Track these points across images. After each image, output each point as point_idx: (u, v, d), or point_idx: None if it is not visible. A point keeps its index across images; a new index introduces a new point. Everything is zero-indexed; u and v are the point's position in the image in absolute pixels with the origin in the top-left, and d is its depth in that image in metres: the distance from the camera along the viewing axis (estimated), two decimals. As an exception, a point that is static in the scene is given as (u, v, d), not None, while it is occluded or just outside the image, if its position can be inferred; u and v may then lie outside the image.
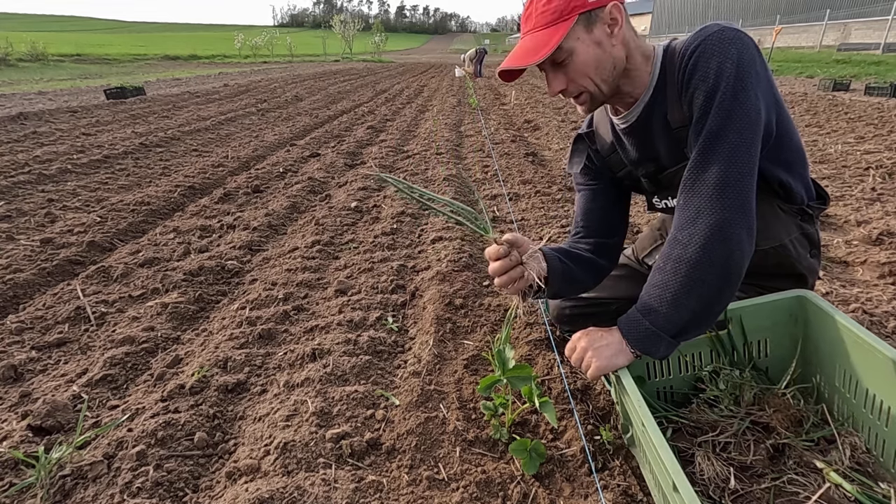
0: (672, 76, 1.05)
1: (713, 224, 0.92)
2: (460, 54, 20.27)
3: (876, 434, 0.99)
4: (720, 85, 0.94)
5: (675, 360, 1.18)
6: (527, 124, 6.32)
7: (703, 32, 1.00)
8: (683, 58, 1.01)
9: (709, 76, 0.96)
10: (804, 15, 20.99)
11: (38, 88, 12.14)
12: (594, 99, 1.10)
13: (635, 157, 1.22)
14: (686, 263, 0.94)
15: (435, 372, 1.54)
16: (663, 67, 1.08)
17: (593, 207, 1.35)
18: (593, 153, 1.32)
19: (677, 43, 1.06)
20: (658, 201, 1.30)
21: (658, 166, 1.21)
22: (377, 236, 2.70)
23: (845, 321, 1.02)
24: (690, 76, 0.99)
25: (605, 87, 1.07)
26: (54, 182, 3.86)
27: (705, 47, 0.97)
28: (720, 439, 1.06)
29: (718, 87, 0.94)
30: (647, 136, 1.16)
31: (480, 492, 1.11)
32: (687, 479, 0.75)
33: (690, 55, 0.99)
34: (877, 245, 2.31)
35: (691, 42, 1.00)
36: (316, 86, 12.49)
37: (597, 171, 1.34)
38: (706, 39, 0.97)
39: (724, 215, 0.92)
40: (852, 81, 9.26)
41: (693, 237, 0.94)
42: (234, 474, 1.18)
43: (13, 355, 1.68)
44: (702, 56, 0.97)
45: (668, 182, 1.22)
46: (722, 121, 0.94)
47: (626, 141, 1.21)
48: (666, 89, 1.07)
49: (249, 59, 33.70)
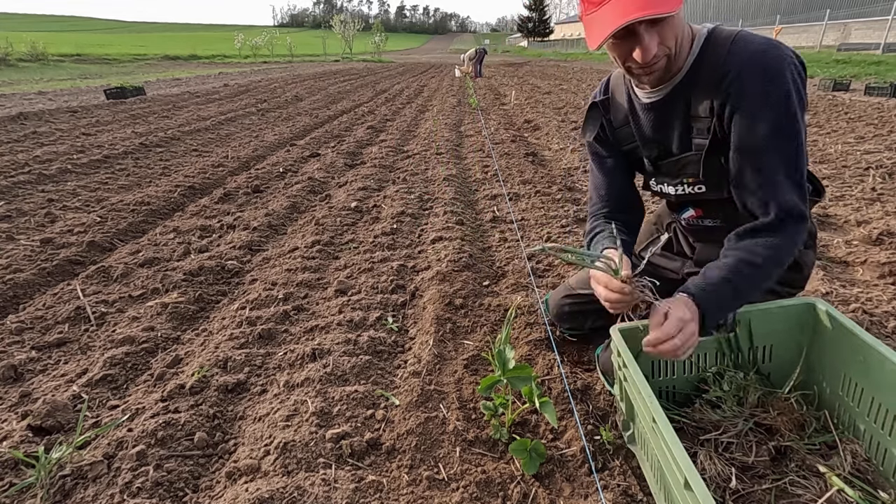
0: (709, 68, 1.04)
1: (795, 232, 1.04)
2: (460, 55, 20.26)
3: (878, 443, 0.99)
4: (776, 112, 0.98)
5: (680, 360, 1.17)
6: (527, 124, 6.32)
7: (749, 47, 1.00)
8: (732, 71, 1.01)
9: (763, 99, 0.98)
10: (804, 15, 20.98)
11: (38, 88, 12.14)
12: (667, 68, 1.05)
13: (648, 135, 1.21)
14: (775, 266, 1.04)
15: (435, 372, 1.54)
16: (701, 54, 1.06)
17: (613, 182, 1.34)
18: (606, 123, 1.29)
19: (720, 35, 1.05)
20: (654, 184, 1.30)
21: (663, 150, 1.20)
22: (377, 236, 2.70)
23: (856, 331, 1.02)
24: (740, 95, 1.00)
25: (676, 51, 1.03)
26: (54, 182, 3.86)
27: (757, 67, 0.98)
28: (723, 439, 1.05)
29: (775, 114, 0.98)
30: (665, 116, 1.15)
31: (480, 492, 1.11)
32: (699, 476, 0.74)
33: (741, 70, 0.99)
34: (877, 245, 2.31)
35: (741, 55, 1.00)
36: (316, 86, 12.49)
37: (610, 143, 1.31)
38: (758, 59, 0.98)
39: (798, 226, 1.04)
40: (852, 81, 9.25)
41: (783, 245, 1.03)
42: (234, 474, 1.18)
43: (13, 355, 1.68)
44: (754, 76, 0.98)
45: (667, 169, 1.22)
46: (782, 142, 1.00)
47: (643, 116, 1.20)
48: (698, 76, 1.06)
49: (249, 59, 33.69)
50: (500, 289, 2.12)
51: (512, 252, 2.48)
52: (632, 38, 0.97)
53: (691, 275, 1.38)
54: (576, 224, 2.78)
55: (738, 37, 1.02)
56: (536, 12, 69.72)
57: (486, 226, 2.91)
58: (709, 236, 1.32)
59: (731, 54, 1.01)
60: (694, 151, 1.14)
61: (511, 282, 2.14)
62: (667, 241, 1.48)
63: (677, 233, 1.45)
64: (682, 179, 1.20)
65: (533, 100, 8.76)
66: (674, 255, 1.46)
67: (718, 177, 1.14)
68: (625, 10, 0.92)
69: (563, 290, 1.63)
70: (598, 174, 1.37)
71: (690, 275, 1.38)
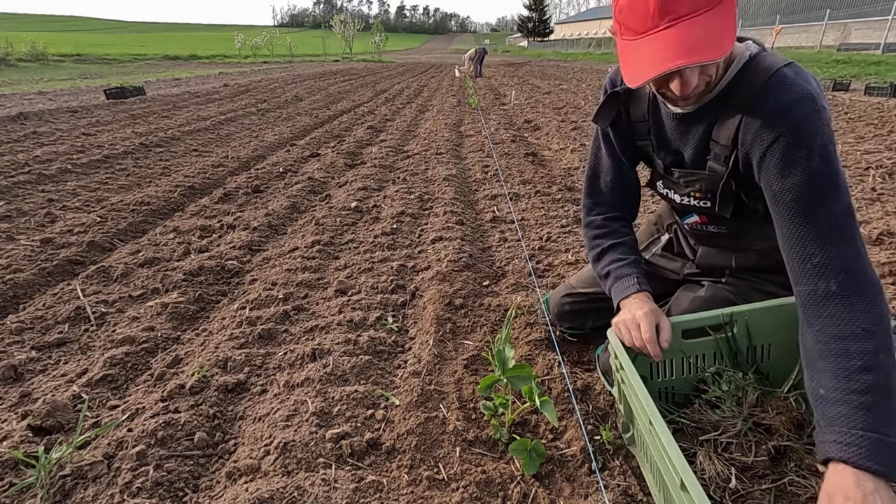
0: (739, 99, 0.99)
1: (882, 317, 0.85)
2: (461, 55, 20.24)
3: None
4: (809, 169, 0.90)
5: (679, 361, 1.18)
6: (527, 124, 6.32)
7: (782, 97, 0.92)
8: (762, 117, 0.94)
9: (793, 156, 0.91)
10: (804, 15, 20.99)
11: (38, 88, 12.14)
12: (703, 93, 1.00)
13: (665, 140, 1.18)
14: (887, 364, 0.82)
15: (435, 372, 1.54)
16: (737, 80, 1.00)
17: (621, 169, 1.31)
18: (624, 113, 1.24)
19: (760, 65, 0.98)
20: (661, 187, 1.28)
21: (676, 160, 1.19)
22: (377, 236, 2.70)
23: None
24: (768, 148, 0.94)
25: (714, 81, 0.98)
26: (54, 182, 3.86)
27: (796, 135, 0.91)
28: (722, 439, 1.05)
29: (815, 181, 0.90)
30: (686, 129, 1.12)
31: (480, 492, 1.11)
32: (695, 477, 0.75)
33: (773, 120, 0.93)
34: (877, 245, 2.31)
35: (774, 101, 0.93)
36: (316, 86, 12.49)
37: (624, 132, 1.26)
38: (799, 126, 0.91)
39: (877, 296, 0.87)
40: (852, 81, 9.25)
41: (876, 335, 0.83)
42: (234, 474, 1.18)
43: (13, 355, 1.68)
44: (783, 130, 0.92)
45: (677, 178, 1.20)
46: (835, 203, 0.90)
47: (666, 122, 1.16)
48: (728, 103, 1.01)
49: (249, 59, 33.69)
50: (500, 289, 2.12)
51: (512, 252, 2.48)
52: (673, 72, 0.91)
53: (691, 275, 1.38)
54: (576, 224, 2.78)
55: (776, 76, 0.95)
56: (536, 12, 69.73)
57: (486, 226, 2.91)
58: (712, 241, 1.31)
59: (765, 95, 0.94)
60: (707, 172, 1.11)
61: (511, 282, 2.14)
62: (667, 241, 1.48)
63: (678, 234, 1.45)
64: (689, 191, 1.19)
65: (533, 100, 8.76)
66: (674, 256, 1.46)
67: (728, 202, 1.12)
68: (668, 55, 0.85)
69: (564, 289, 1.63)
70: (606, 159, 1.32)
71: (690, 275, 1.39)
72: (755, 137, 0.96)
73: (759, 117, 0.95)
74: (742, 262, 1.26)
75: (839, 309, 0.86)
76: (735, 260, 1.28)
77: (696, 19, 0.84)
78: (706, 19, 0.84)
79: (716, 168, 1.09)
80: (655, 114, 1.18)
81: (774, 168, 0.94)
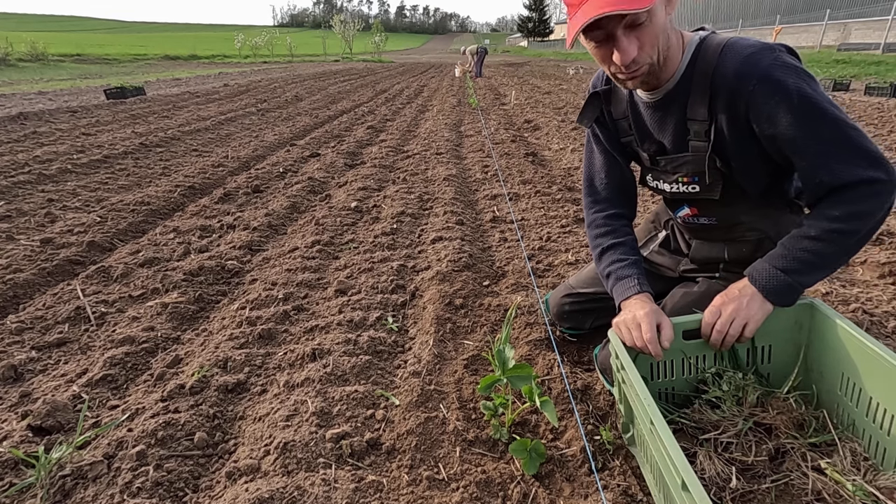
0: (701, 75, 1.06)
1: (862, 195, 0.98)
2: (461, 54, 20.21)
3: (877, 443, 0.99)
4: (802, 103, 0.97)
5: (679, 361, 1.18)
6: (527, 124, 6.32)
7: (740, 52, 1.00)
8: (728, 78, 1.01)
9: (785, 102, 0.97)
10: (804, 15, 20.97)
11: (38, 88, 12.14)
12: (650, 73, 1.06)
13: (645, 131, 1.23)
14: (841, 239, 1.00)
15: (435, 372, 1.54)
16: (693, 61, 1.07)
17: (614, 165, 1.35)
18: (606, 113, 1.31)
19: (711, 42, 1.06)
20: (651, 180, 1.31)
21: (660, 148, 1.22)
22: (377, 236, 2.70)
23: (853, 330, 1.02)
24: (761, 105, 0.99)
25: (660, 60, 1.04)
26: (54, 182, 3.86)
27: (753, 70, 0.98)
28: (722, 439, 1.05)
29: (799, 105, 0.97)
30: (662, 116, 1.17)
31: (480, 492, 1.11)
32: (696, 478, 0.74)
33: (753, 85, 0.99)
34: (877, 245, 2.31)
35: (734, 61, 1.00)
36: (316, 86, 12.49)
37: (610, 130, 1.32)
38: (752, 63, 0.98)
39: (869, 178, 0.97)
40: (852, 81, 9.25)
41: (847, 215, 0.99)
42: (234, 474, 1.18)
43: (13, 355, 1.68)
44: (751, 80, 0.98)
45: (663, 166, 1.23)
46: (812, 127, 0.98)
47: (644, 113, 1.21)
48: (691, 82, 1.08)
49: (249, 59, 33.68)
50: (500, 289, 2.12)
51: (512, 252, 2.48)
52: (611, 42, 0.99)
53: (687, 272, 1.39)
54: (576, 224, 2.78)
55: (728, 43, 1.03)
56: (536, 12, 69.75)
57: (486, 226, 2.91)
58: (704, 234, 1.34)
59: (723, 61, 1.02)
60: (690, 153, 1.15)
61: (511, 282, 2.14)
62: (664, 238, 1.49)
63: (675, 231, 1.47)
64: (677, 177, 1.22)
65: (533, 100, 8.76)
66: (671, 253, 1.47)
67: (714, 179, 1.15)
68: (596, 6, 0.93)
69: (564, 289, 1.63)
70: (599, 156, 1.37)
71: (686, 272, 1.40)
72: (729, 102, 1.03)
73: (726, 81, 1.02)
74: (735, 254, 1.28)
75: (828, 200, 1.02)
76: (728, 252, 1.30)
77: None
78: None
79: (698, 146, 1.13)
80: (634, 109, 1.24)
81: (762, 120, 1.01)
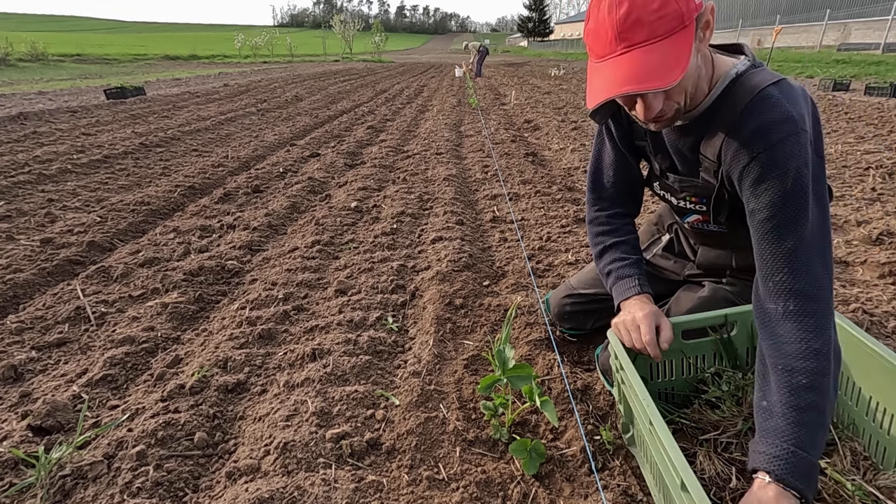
0: (723, 119, 0.99)
1: (830, 341, 0.88)
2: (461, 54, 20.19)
3: (877, 442, 0.99)
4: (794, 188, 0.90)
5: (679, 362, 1.18)
6: (527, 124, 6.32)
7: (766, 117, 0.91)
8: (742, 138, 0.94)
9: (779, 181, 0.91)
10: (804, 15, 20.97)
11: (38, 88, 12.13)
12: (675, 117, 0.99)
13: (661, 147, 1.19)
14: (829, 388, 0.86)
15: (435, 372, 1.54)
16: (721, 99, 0.99)
17: (624, 161, 1.30)
18: (624, 112, 1.22)
19: (745, 84, 0.97)
20: (658, 188, 1.29)
21: (672, 165, 1.20)
22: (377, 236, 2.70)
23: (851, 328, 1.02)
24: (748, 168, 0.94)
25: (686, 102, 0.97)
26: (54, 182, 3.86)
27: (771, 157, 0.91)
28: (722, 439, 1.06)
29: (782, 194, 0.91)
30: (678, 140, 1.13)
31: (480, 492, 1.11)
32: (696, 478, 0.75)
33: (752, 143, 0.93)
34: (877, 245, 2.31)
35: (756, 122, 0.92)
36: (316, 86, 12.49)
37: (624, 129, 1.26)
38: (775, 148, 0.90)
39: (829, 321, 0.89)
40: (852, 81, 9.26)
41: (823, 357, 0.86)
42: (234, 474, 1.18)
43: (13, 355, 1.68)
44: (762, 151, 0.92)
45: (672, 182, 1.21)
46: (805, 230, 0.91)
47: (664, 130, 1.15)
48: (713, 122, 1.01)
49: (249, 59, 33.67)
50: (500, 289, 2.12)
51: (512, 252, 2.48)
52: (634, 96, 0.92)
53: (692, 276, 1.38)
54: (576, 224, 2.78)
55: (760, 95, 0.93)
56: (536, 12, 69.78)
57: (486, 226, 2.91)
58: (712, 240, 1.31)
59: (749, 112, 0.94)
60: (700, 181, 1.13)
61: (511, 282, 2.14)
62: (668, 241, 1.48)
63: (679, 234, 1.45)
64: (685, 196, 1.20)
65: (533, 100, 8.76)
66: (675, 257, 1.46)
67: (722, 209, 1.14)
68: (616, 81, 0.86)
69: (564, 289, 1.63)
70: (609, 153, 1.31)
71: (691, 276, 1.39)
72: (734, 157, 0.97)
73: (739, 137, 0.95)
74: (742, 261, 1.26)
75: (793, 328, 0.88)
76: (735, 259, 1.28)
77: (649, 47, 0.84)
78: (660, 48, 0.84)
79: (708, 179, 1.10)
80: None
81: (750, 187, 0.95)
